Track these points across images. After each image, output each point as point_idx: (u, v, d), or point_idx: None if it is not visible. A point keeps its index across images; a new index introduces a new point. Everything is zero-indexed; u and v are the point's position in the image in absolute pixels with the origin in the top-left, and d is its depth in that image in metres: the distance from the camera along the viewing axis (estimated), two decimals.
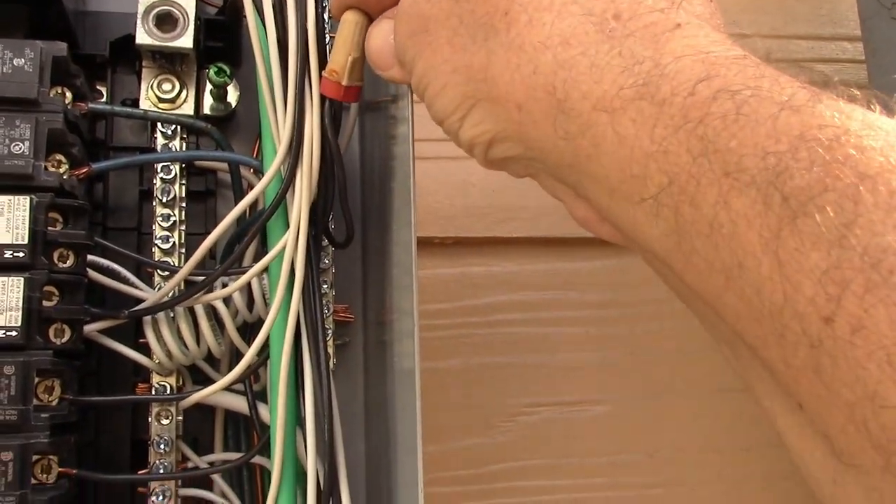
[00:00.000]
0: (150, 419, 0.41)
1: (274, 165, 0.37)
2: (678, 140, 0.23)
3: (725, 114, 0.22)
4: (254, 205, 0.40)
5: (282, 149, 0.37)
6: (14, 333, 0.34)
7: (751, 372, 0.24)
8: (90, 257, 0.38)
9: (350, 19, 0.34)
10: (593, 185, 0.26)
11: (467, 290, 0.48)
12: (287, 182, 0.37)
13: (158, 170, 0.43)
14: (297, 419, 0.37)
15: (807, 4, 0.53)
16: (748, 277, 0.21)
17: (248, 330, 0.42)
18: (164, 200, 0.42)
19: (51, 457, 0.35)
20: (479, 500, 0.45)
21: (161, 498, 0.40)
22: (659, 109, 0.23)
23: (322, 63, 0.37)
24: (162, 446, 0.41)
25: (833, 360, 0.20)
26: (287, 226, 0.38)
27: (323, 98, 0.36)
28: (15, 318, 0.34)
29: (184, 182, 0.43)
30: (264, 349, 0.38)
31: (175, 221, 0.42)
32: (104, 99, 0.44)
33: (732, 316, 0.23)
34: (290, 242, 0.37)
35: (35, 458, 0.34)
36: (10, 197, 0.35)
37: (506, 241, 0.49)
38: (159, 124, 0.43)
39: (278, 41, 0.37)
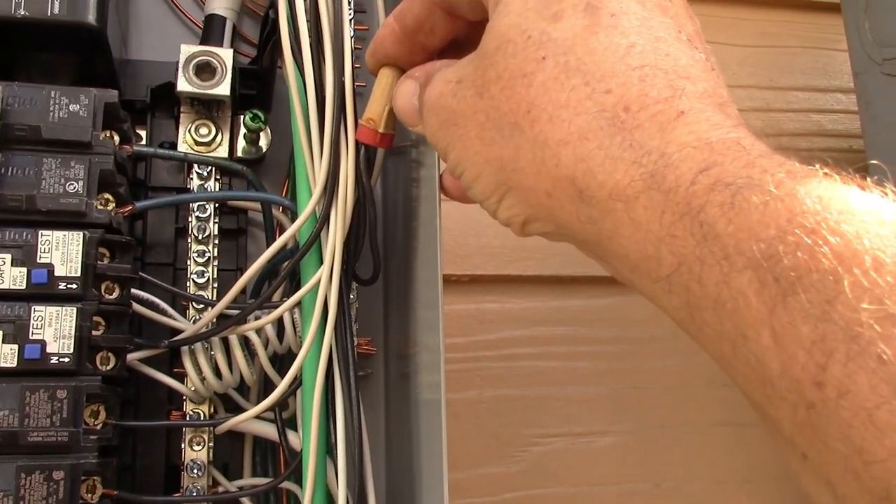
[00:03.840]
0: (183, 445, 0.43)
1: (310, 205, 0.39)
2: (683, 226, 0.26)
3: (722, 202, 0.25)
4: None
5: (317, 190, 0.39)
6: (67, 360, 0.36)
7: (765, 422, 0.27)
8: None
9: (386, 73, 0.37)
10: (616, 262, 0.29)
11: (482, 325, 0.50)
12: (322, 221, 0.39)
13: (194, 209, 0.45)
14: (327, 447, 0.40)
15: (803, 58, 0.56)
16: (751, 347, 0.24)
17: (278, 360, 0.44)
18: (200, 237, 0.45)
19: (95, 477, 0.37)
20: None
21: None
22: (666, 197, 0.26)
23: (356, 112, 0.39)
24: (195, 471, 0.43)
25: (827, 420, 0.22)
26: (319, 263, 0.40)
27: (357, 143, 0.39)
28: (68, 346, 0.36)
29: (216, 220, 0.46)
30: (294, 379, 0.40)
31: (209, 257, 0.45)
32: (143, 142, 0.47)
33: (742, 379, 0.25)
34: (325, 279, 0.39)
35: (81, 478, 0.36)
36: (65, 232, 0.37)
37: (518, 279, 0.51)
38: (196, 166, 0.46)
39: (315, 91, 0.39)
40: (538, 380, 0.50)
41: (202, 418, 0.43)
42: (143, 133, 0.47)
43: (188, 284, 0.44)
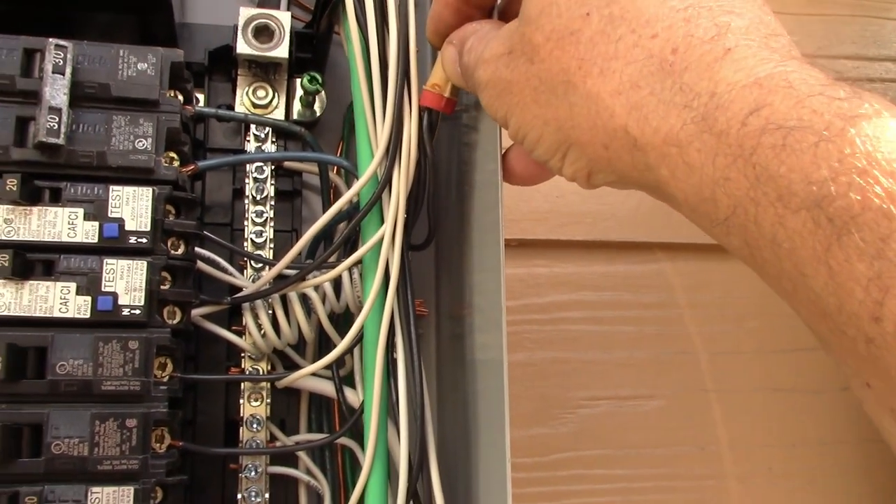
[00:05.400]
0: (241, 401, 0.44)
1: (372, 166, 0.40)
2: (737, 168, 0.26)
3: (774, 144, 0.25)
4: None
5: (379, 151, 0.40)
6: (138, 312, 0.37)
7: (829, 353, 0.27)
8: None
9: None
10: (678, 206, 0.30)
11: (531, 289, 0.51)
12: (384, 182, 0.40)
13: (252, 170, 0.46)
14: (388, 403, 0.40)
15: (852, 26, 0.56)
16: (809, 284, 0.25)
17: (335, 319, 0.45)
18: (257, 198, 0.46)
19: (164, 428, 0.38)
20: (541, 485, 0.48)
21: (252, 473, 0.43)
22: (718, 140, 0.27)
23: (420, 77, 0.40)
24: (254, 425, 0.44)
25: (887, 352, 0.23)
26: (378, 224, 0.41)
27: (420, 108, 0.40)
28: (139, 298, 0.37)
29: (273, 182, 0.47)
30: (355, 336, 0.41)
31: (267, 218, 0.46)
32: (201, 104, 0.47)
33: (805, 314, 0.27)
34: (387, 238, 0.40)
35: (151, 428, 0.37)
36: (136, 188, 0.38)
37: (567, 244, 0.52)
38: (252, 128, 0.47)
39: (378, 54, 0.40)
40: (586, 344, 0.51)
41: (261, 375, 0.44)
42: (200, 96, 0.48)
43: (245, 244, 0.45)
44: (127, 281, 0.37)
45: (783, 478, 0.51)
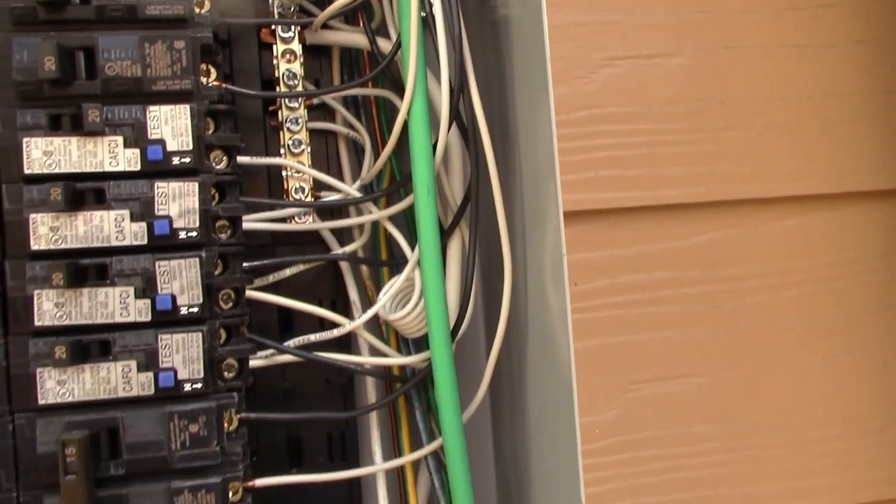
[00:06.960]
0: (275, 62, 0.45)
1: None
2: None
3: None
4: None
5: None
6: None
7: None
8: None
9: None
10: None
11: None
12: None
13: None
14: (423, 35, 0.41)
15: None
16: None
17: None
18: None
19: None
20: (566, 141, 0.50)
21: (293, 126, 0.44)
22: None
23: None
24: (291, 80, 0.45)
25: None
26: None
27: None
28: None
29: None
30: None
31: None
32: None
33: None
34: None
35: None
36: None
37: None
38: None
39: None
40: None
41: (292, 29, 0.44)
42: None
43: None
44: None
45: (798, 130, 0.52)
